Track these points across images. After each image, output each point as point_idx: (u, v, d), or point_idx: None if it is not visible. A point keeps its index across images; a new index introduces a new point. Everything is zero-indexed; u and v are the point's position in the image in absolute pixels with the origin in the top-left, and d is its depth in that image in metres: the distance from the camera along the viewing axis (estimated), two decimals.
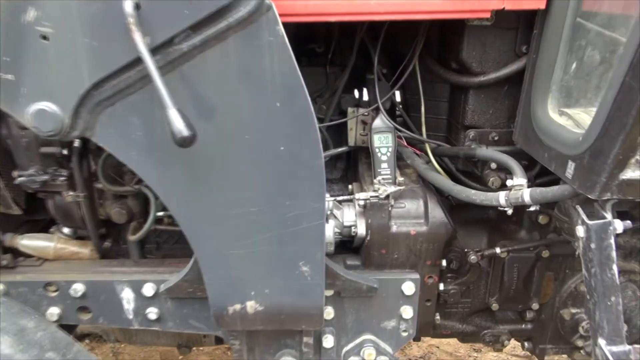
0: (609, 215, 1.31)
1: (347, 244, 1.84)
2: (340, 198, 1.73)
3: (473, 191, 1.58)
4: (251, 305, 1.51)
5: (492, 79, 1.66)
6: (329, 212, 1.79)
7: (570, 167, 1.31)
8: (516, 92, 1.68)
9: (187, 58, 1.20)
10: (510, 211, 1.50)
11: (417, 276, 1.77)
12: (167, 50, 1.19)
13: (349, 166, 2.14)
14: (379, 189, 1.71)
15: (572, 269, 1.93)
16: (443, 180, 1.68)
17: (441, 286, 1.90)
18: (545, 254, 1.88)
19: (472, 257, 1.85)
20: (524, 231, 1.91)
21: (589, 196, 1.27)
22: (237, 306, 1.51)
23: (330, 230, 1.79)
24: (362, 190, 1.84)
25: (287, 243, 1.43)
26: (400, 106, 2.00)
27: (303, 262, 1.46)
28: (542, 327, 2.03)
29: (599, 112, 1.21)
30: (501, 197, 1.48)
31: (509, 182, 1.49)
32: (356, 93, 2.05)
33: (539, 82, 1.52)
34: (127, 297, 1.74)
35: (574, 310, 1.93)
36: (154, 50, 1.15)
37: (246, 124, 1.30)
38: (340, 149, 1.93)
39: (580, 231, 1.35)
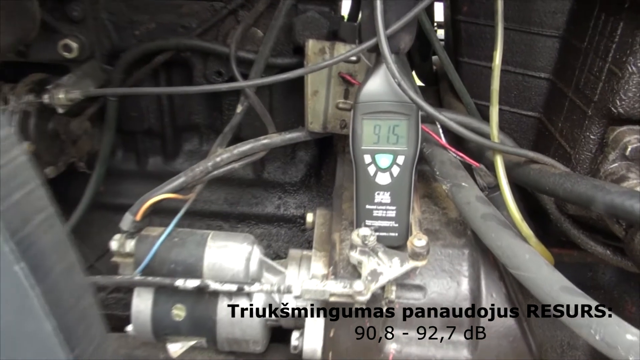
0: None
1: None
2: (255, 288, 0.68)
3: (613, 321, 0.49)
4: None
5: None
6: (246, 291, 0.76)
7: None
8: None
9: None
10: None
11: None
12: None
13: (322, 156, 1.06)
14: (360, 264, 0.66)
15: None
16: (529, 260, 0.59)
17: None
18: None
19: None
20: None
21: None
22: None
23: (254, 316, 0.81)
24: (325, 242, 0.79)
25: None
26: (439, 42, 0.87)
27: None
28: None
29: None
30: None
31: None
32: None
33: None
34: None
35: None
36: None
37: None
38: (288, 135, 0.82)
39: None
